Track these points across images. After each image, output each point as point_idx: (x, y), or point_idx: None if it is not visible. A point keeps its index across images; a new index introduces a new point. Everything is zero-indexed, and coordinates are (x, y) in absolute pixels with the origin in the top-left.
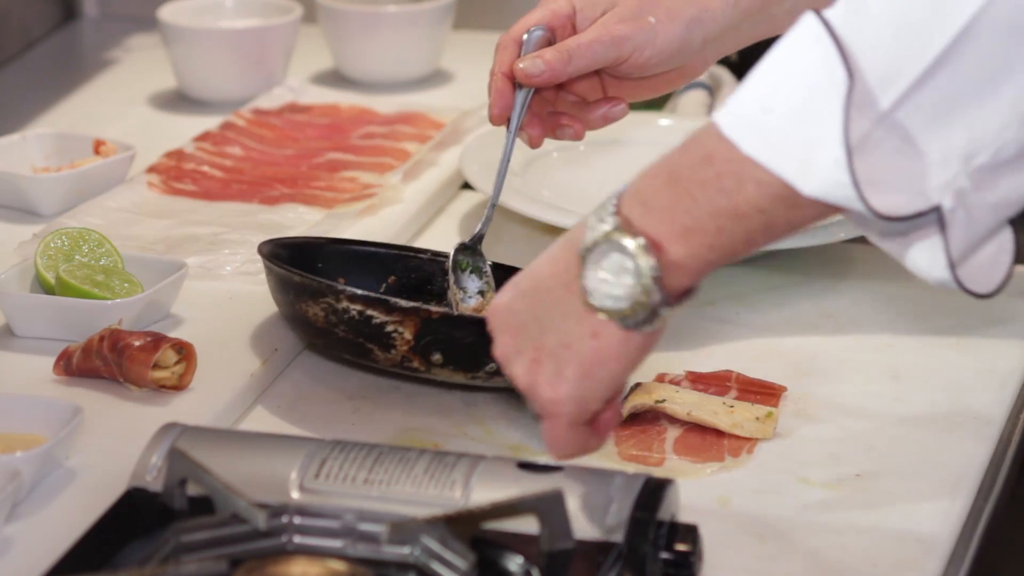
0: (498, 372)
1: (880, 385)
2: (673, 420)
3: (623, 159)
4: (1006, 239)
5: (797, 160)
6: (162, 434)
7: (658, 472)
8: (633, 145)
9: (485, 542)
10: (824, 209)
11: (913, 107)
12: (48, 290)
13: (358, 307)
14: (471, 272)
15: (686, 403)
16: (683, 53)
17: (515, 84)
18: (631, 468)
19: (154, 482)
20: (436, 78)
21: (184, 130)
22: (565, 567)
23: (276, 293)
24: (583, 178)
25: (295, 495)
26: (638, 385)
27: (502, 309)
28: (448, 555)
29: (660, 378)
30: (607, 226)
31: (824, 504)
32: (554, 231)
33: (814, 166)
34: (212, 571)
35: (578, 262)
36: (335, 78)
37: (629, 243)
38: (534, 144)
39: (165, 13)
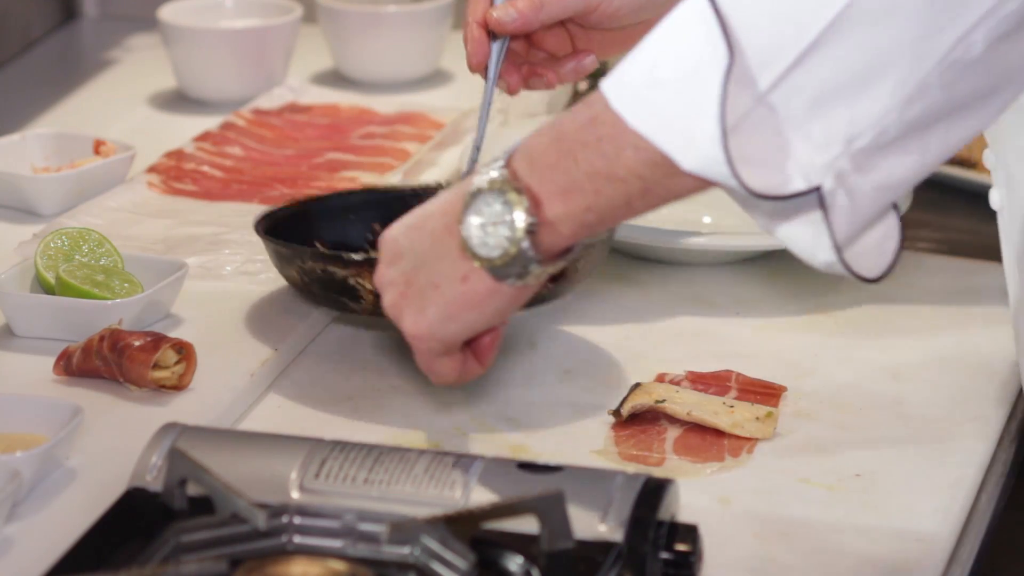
0: None
1: (880, 385)
2: (673, 420)
3: None
4: (892, 225)
5: (678, 135)
6: (162, 434)
7: (658, 472)
8: None
9: (485, 542)
10: (704, 182)
11: (792, 88)
12: (48, 290)
13: (320, 265)
14: None
15: (686, 403)
16: (652, 3)
17: (490, 34)
18: (631, 468)
19: (154, 482)
20: (436, 78)
21: (184, 130)
22: (565, 567)
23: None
24: None
25: (295, 495)
26: (638, 385)
27: (388, 239)
28: (448, 555)
29: (660, 378)
30: (494, 174)
31: (824, 504)
32: None
33: (693, 142)
34: (212, 571)
35: (462, 206)
36: (335, 78)
37: (510, 195)
38: (512, 91)
39: (165, 13)
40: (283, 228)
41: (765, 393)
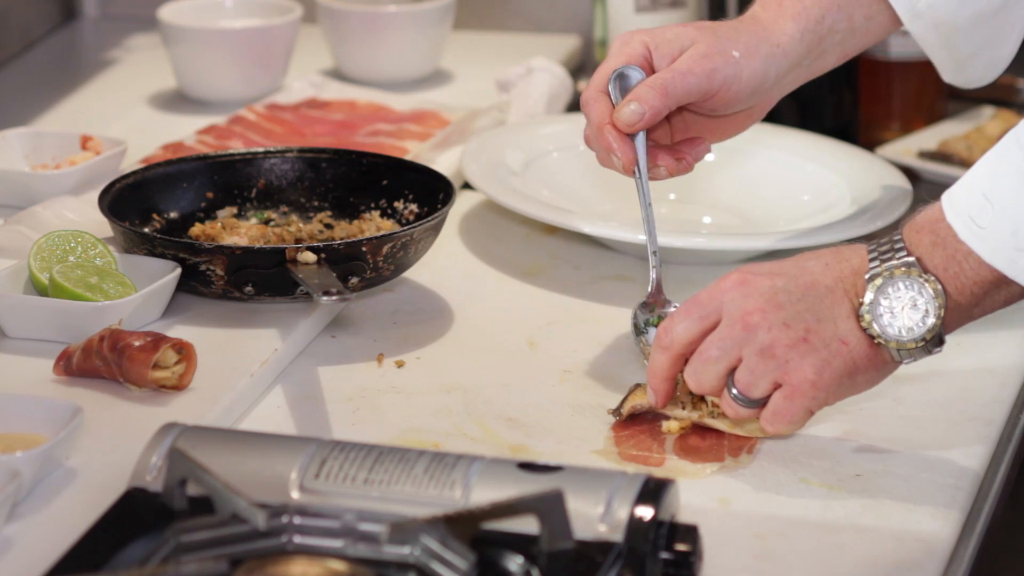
0: (308, 294)
1: (880, 385)
2: None
3: None
4: None
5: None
6: (162, 434)
7: (658, 472)
8: None
9: (485, 542)
10: None
11: None
12: (42, 291)
13: (171, 252)
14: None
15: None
16: (761, 89)
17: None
18: (631, 468)
19: (154, 482)
20: (436, 78)
21: (184, 130)
22: (565, 567)
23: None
24: (583, 178)
25: (295, 495)
26: (638, 385)
27: (764, 282)
28: (448, 555)
29: None
30: (902, 257)
31: (824, 504)
32: (554, 231)
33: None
34: (212, 571)
35: (861, 280)
36: (335, 78)
37: (925, 283)
38: (671, 172)
39: (165, 13)
40: (122, 200)
41: None
